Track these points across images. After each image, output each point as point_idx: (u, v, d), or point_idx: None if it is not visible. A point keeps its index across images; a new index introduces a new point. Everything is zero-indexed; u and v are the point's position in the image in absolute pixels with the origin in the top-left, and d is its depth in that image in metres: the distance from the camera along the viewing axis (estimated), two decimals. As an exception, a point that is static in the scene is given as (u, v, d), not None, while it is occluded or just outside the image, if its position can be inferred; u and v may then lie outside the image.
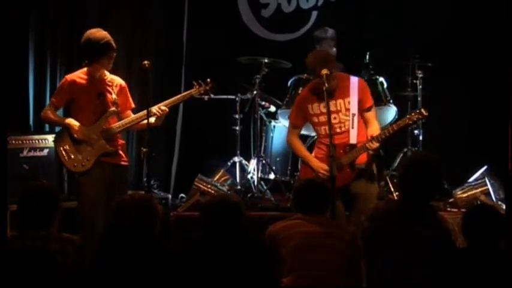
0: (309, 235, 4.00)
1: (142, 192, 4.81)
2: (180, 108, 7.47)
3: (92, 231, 5.00)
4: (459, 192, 6.37)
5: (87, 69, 5.33)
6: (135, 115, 5.39)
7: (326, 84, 4.88)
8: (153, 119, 5.28)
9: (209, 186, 6.37)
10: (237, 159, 6.80)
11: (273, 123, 6.96)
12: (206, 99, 5.57)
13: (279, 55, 6.96)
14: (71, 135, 5.26)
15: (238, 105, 6.83)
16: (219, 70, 6.84)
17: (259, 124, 6.80)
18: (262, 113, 6.87)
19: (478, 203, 6.11)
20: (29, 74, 7.00)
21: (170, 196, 7.02)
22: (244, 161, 6.84)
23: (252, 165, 6.77)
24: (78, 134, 5.24)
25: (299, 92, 6.53)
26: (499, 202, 6.14)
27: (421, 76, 6.77)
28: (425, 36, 7.07)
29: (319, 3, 7.59)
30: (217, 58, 7.37)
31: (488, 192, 6.22)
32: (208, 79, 5.46)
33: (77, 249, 3.63)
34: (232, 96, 6.87)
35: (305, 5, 7.64)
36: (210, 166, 6.94)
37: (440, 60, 6.81)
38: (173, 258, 3.56)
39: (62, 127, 5.38)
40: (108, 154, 5.28)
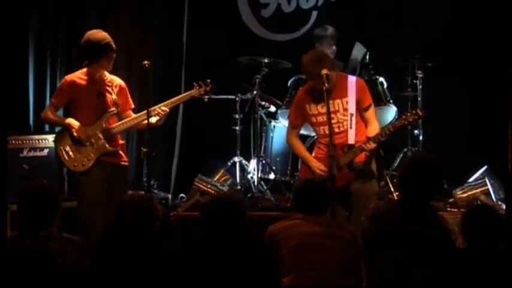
0: (309, 235, 4.00)
1: (142, 192, 4.81)
2: (180, 108, 7.46)
3: (92, 231, 5.01)
4: (459, 192, 6.37)
5: (87, 70, 5.33)
6: (135, 115, 5.39)
7: (326, 84, 4.87)
8: (154, 119, 5.28)
9: (209, 186, 6.37)
10: (237, 159, 6.80)
11: (273, 123, 6.96)
12: (206, 99, 5.57)
13: (279, 55, 6.95)
14: (71, 135, 5.27)
15: (238, 105, 6.83)
16: (219, 70, 6.85)
17: (259, 124, 6.79)
18: (262, 113, 6.86)
19: (478, 203, 6.11)
20: (29, 74, 7.00)
21: (170, 196, 7.01)
22: (244, 161, 6.84)
23: (252, 165, 6.77)
24: (79, 133, 5.24)
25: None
26: (499, 202, 6.14)
27: (421, 76, 6.77)
28: (425, 36, 7.07)
29: (319, 3, 7.59)
30: (217, 58, 7.37)
31: (488, 192, 6.22)
32: (208, 80, 5.47)
33: (77, 249, 3.63)
34: (232, 96, 6.86)
35: (305, 5, 7.63)
36: (210, 166, 6.94)
37: (440, 60, 6.81)
38: (173, 258, 3.55)
39: (62, 127, 5.39)
40: (108, 154, 5.29)
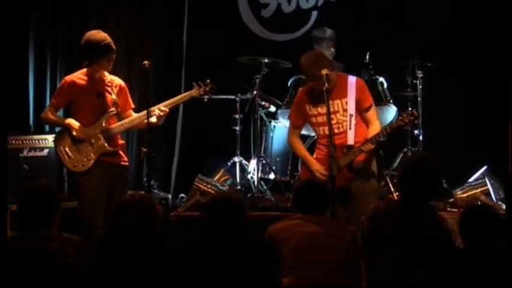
0: (309, 235, 4.00)
1: (143, 192, 4.81)
2: (180, 108, 7.46)
3: (92, 231, 5.01)
4: (459, 192, 6.36)
5: (87, 70, 5.33)
6: (135, 115, 5.39)
7: (326, 84, 4.86)
8: (154, 119, 5.28)
9: (209, 186, 6.37)
10: (237, 159, 6.80)
11: (273, 123, 6.95)
12: (206, 100, 5.57)
13: (279, 55, 6.95)
14: (71, 135, 5.27)
15: (238, 105, 6.83)
16: (219, 70, 6.85)
17: (259, 124, 6.79)
18: (262, 113, 6.86)
19: (478, 203, 6.11)
20: (29, 74, 7.00)
21: (170, 196, 7.01)
22: (244, 161, 6.84)
23: (252, 165, 6.77)
24: (79, 133, 5.24)
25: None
26: (499, 202, 6.14)
27: (421, 76, 6.77)
28: (425, 36, 7.07)
29: (319, 3, 7.59)
30: (217, 58, 7.37)
31: (488, 192, 6.21)
32: (208, 80, 5.47)
33: (77, 249, 3.63)
34: (232, 96, 6.86)
35: (305, 5, 7.63)
36: (210, 166, 6.94)
37: (440, 60, 6.81)
38: (173, 258, 3.56)
39: (62, 127, 5.39)
40: (108, 154, 5.28)
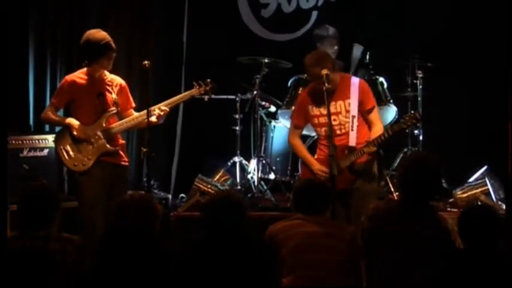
0: (309, 235, 4.00)
1: (143, 192, 4.80)
2: (180, 108, 7.46)
3: (92, 231, 5.01)
4: (459, 192, 6.36)
5: (87, 70, 5.32)
6: (134, 115, 5.39)
7: (326, 84, 4.86)
8: (154, 118, 5.28)
9: (209, 186, 6.37)
10: (237, 159, 6.80)
11: (273, 123, 6.95)
12: (206, 99, 5.57)
13: (279, 55, 6.95)
14: (72, 135, 5.26)
15: (238, 105, 6.83)
16: (219, 70, 6.84)
17: (259, 124, 6.79)
18: (262, 113, 6.86)
19: (478, 203, 6.11)
20: (29, 74, 6.99)
21: (170, 196, 7.01)
22: (244, 161, 6.84)
23: (252, 165, 6.77)
24: (79, 133, 5.24)
25: (299, 92, 6.53)
26: (499, 202, 6.14)
27: (421, 76, 6.77)
28: (425, 36, 7.07)
29: (319, 3, 7.59)
30: (217, 58, 7.36)
31: (488, 192, 6.21)
32: (208, 79, 5.46)
33: (77, 249, 3.63)
34: (232, 96, 6.86)
35: (305, 5, 7.63)
36: (210, 166, 6.94)
37: (440, 60, 6.81)
38: (173, 258, 3.55)
39: (62, 127, 5.38)
40: (109, 154, 5.28)
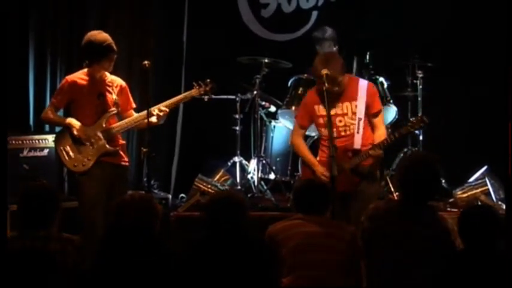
0: (309, 235, 4.00)
1: (143, 192, 4.80)
2: (180, 108, 7.46)
3: (92, 231, 5.01)
4: (459, 192, 6.36)
5: (88, 70, 5.32)
6: (135, 115, 5.39)
7: (326, 84, 4.87)
8: (154, 119, 5.28)
9: (209, 186, 6.37)
10: (237, 159, 6.80)
11: (273, 123, 6.95)
12: (206, 99, 5.57)
13: (279, 55, 6.95)
14: (72, 135, 5.26)
15: (238, 105, 6.83)
16: (219, 70, 6.84)
17: (259, 124, 6.80)
18: (262, 113, 6.86)
19: (478, 203, 6.11)
20: (29, 74, 6.99)
21: (170, 196, 7.01)
22: (244, 161, 6.84)
23: (252, 165, 6.77)
24: (79, 133, 5.24)
25: (299, 92, 6.54)
26: (499, 202, 6.14)
27: (421, 76, 6.78)
28: (425, 36, 7.08)
29: (319, 3, 7.59)
30: (217, 58, 7.36)
31: (489, 192, 6.21)
32: (208, 80, 5.46)
33: (77, 249, 3.63)
34: (232, 96, 6.86)
35: (305, 5, 7.63)
36: (210, 166, 6.94)
37: (440, 60, 6.81)
38: (173, 258, 3.55)
39: (62, 127, 5.38)
40: (109, 154, 5.28)
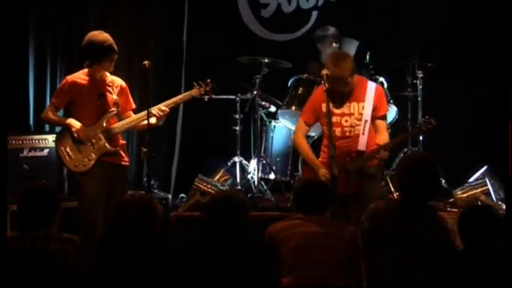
0: (309, 235, 4.00)
1: (143, 192, 4.80)
2: (180, 108, 7.45)
3: (92, 231, 5.01)
4: (459, 192, 6.37)
5: (88, 70, 5.32)
6: (135, 115, 5.39)
7: (326, 84, 4.86)
8: (154, 120, 5.28)
9: (209, 186, 6.37)
10: (237, 159, 6.80)
11: (273, 123, 6.95)
12: (206, 99, 5.57)
13: (279, 55, 6.95)
14: (72, 135, 5.26)
15: (238, 105, 6.83)
16: (219, 70, 6.84)
17: (259, 124, 6.79)
18: (262, 113, 6.86)
19: (478, 203, 6.11)
20: (29, 74, 6.99)
21: (170, 196, 7.01)
22: (244, 161, 6.84)
23: (252, 165, 6.77)
24: (80, 133, 5.24)
25: (299, 92, 6.54)
26: (499, 202, 6.15)
27: (421, 76, 6.78)
28: (425, 36, 7.08)
29: (319, 3, 7.59)
30: (217, 58, 7.36)
31: (489, 192, 6.22)
32: (208, 79, 5.47)
33: (77, 249, 3.63)
34: (232, 96, 6.86)
35: (305, 5, 7.63)
36: (210, 166, 6.94)
37: (440, 60, 6.81)
38: (173, 258, 3.55)
39: (62, 127, 5.38)
40: (109, 154, 5.28)
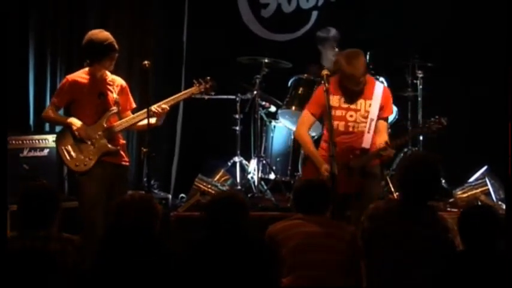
0: (309, 235, 4.00)
1: (143, 192, 4.80)
2: (180, 108, 7.46)
3: (92, 231, 5.00)
4: (459, 192, 6.37)
5: (89, 69, 5.32)
6: (135, 114, 5.38)
7: (326, 84, 4.87)
8: (154, 120, 5.27)
9: (209, 186, 6.37)
10: (237, 159, 6.80)
11: (273, 123, 6.95)
12: (206, 98, 5.57)
13: (279, 55, 6.96)
14: (73, 135, 5.25)
15: (238, 105, 6.83)
16: (219, 70, 6.82)
17: (259, 124, 6.80)
18: (262, 113, 6.87)
19: (478, 203, 6.11)
20: (29, 74, 6.98)
21: (170, 196, 7.01)
22: (244, 161, 6.84)
23: (252, 165, 6.77)
24: (80, 132, 5.23)
25: (299, 92, 6.55)
26: (499, 202, 6.15)
27: (421, 76, 6.79)
28: (425, 36, 7.08)
29: (319, 3, 7.59)
30: (217, 58, 7.36)
31: (489, 192, 6.22)
32: (208, 77, 5.46)
33: (77, 249, 3.63)
34: (232, 96, 6.86)
35: (305, 5, 7.63)
36: (210, 166, 6.94)
37: (440, 60, 6.82)
38: (173, 258, 3.56)
39: (63, 126, 5.38)
40: (110, 153, 5.28)
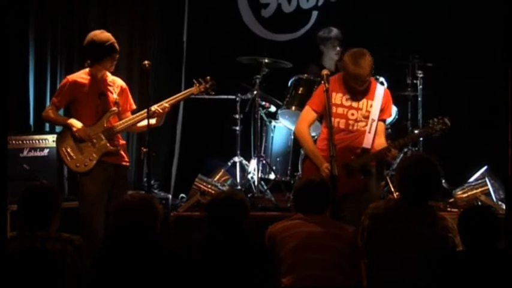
0: (309, 235, 4.00)
1: (143, 192, 4.81)
2: (180, 108, 7.46)
3: (92, 231, 5.00)
4: (459, 192, 6.37)
5: (89, 70, 5.31)
6: (136, 114, 5.38)
7: (326, 84, 4.87)
8: (154, 120, 5.27)
9: (209, 186, 6.36)
10: (237, 159, 6.80)
11: (273, 123, 6.95)
12: (207, 96, 5.56)
13: (279, 55, 6.95)
14: (73, 135, 5.25)
15: (238, 105, 6.83)
16: (219, 70, 6.84)
17: (259, 124, 6.79)
18: (262, 113, 6.86)
19: (478, 203, 6.11)
20: (29, 74, 6.99)
21: (170, 196, 6.99)
22: (244, 161, 6.84)
23: (252, 165, 6.77)
24: (81, 133, 5.23)
25: (299, 92, 6.53)
26: (499, 202, 6.15)
27: (421, 76, 6.78)
28: (425, 36, 7.08)
29: (319, 3, 7.59)
30: (218, 58, 7.37)
31: (489, 193, 6.22)
32: (208, 77, 5.46)
33: (76, 249, 3.63)
34: (232, 96, 6.86)
35: (305, 5, 7.63)
36: (210, 166, 6.93)
37: (440, 60, 6.81)
38: (173, 258, 3.56)
39: (63, 127, 5.38)
40: (110, 154, 5.28)
